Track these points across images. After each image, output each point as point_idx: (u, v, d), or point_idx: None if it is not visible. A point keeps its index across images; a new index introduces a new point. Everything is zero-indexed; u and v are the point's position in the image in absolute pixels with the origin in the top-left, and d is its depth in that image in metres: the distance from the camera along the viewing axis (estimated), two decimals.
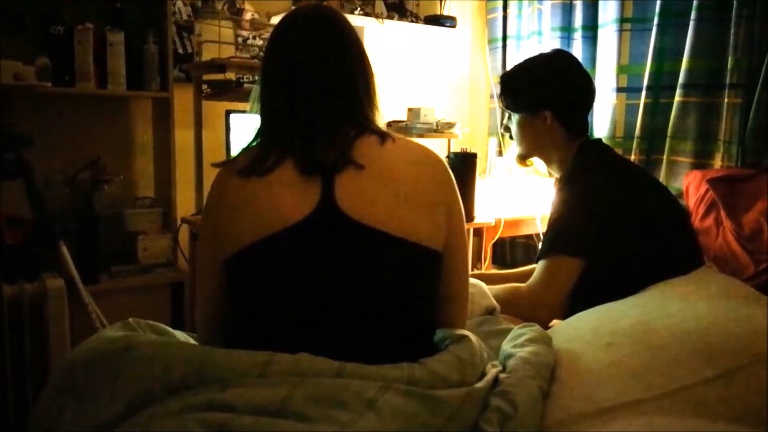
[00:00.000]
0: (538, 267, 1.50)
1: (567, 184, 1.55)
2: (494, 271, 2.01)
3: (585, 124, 1.64)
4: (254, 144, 1.02)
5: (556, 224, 1.51)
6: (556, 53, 1.69)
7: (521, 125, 1.65)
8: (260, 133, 1.03)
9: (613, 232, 1.42)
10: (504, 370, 0.97)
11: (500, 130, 2.15)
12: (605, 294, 1.30)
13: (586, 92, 1.63)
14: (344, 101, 0.99)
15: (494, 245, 2.74)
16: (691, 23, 2.30)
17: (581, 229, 1.45)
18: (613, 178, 1.52)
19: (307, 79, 0.99)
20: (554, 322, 1.42)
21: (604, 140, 2.70)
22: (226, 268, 0.94)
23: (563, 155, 1.61)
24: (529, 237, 2.98)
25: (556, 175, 1.66)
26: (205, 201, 1.02)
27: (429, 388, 0.81)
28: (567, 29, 2.88)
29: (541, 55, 1.70)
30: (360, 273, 0.89)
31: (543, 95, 1.59)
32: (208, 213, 1.00)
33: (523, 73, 1.66)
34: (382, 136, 0.98)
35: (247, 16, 2.62)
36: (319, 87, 0.98)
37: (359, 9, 2.78)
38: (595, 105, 2.74)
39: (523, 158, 1.72)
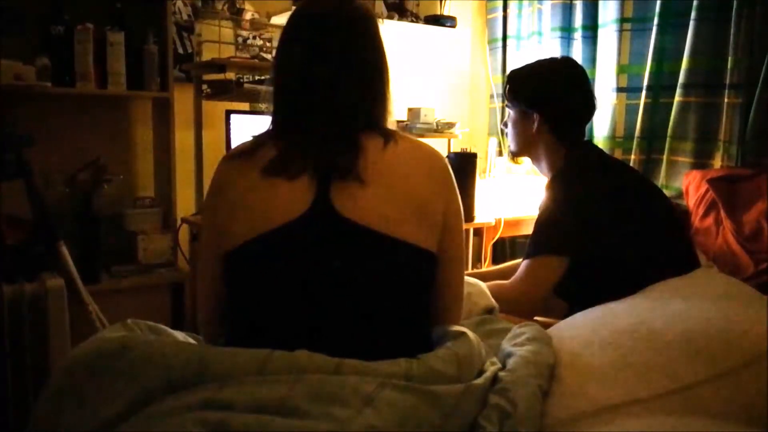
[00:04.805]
0: (522, 265, 1.52)
1: (553, 185, 1.56)
2: (474, 270, 2.02)
3: (578, 133, 1.63)
4: (264, 135, 1.00)
5: (541, 224, 1.53)
6: (565, 60, 1.67)
7: (513, 122, 1.67)
8: (274, 126, 1.02)
9: (598, 228, 1.43)
10: (503, 368, 0.97)
11: (500, 126, 2.17)
12: (601, 293, 1.30)
13: (583, 105, 1.61)
14: (354, 102, 0.99)
15: (494, 245, 2.74)
16: (691, 23, 2.31)
17: (565, 227, 1.47)
18: (600, 177, 1.53)
19: (315, 79, 0.98)
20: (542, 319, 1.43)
21: (604, 140, 2.72)
22: (223, 265, 0.95)
23: (551, 157, 1.61)
24: (529, 237, 2.98)
25: (544, 175, 1.67)
26: (209, 192, 1.00)
27: (427, 383, 0.81)
28: (567, 29, 2.88)
29: (550, 59, 1.69)
30: (355, 271, 0.89)
31: (534, 97, 1.60)
32: (213, 207, 0.98)
33: (526, 70, 1.66)
34: (387, 137, 0.98)
35: (247, 16, 2.62)
36: (329, 86, 0.98)
37: None
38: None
39: (514, 155, 1.74)
